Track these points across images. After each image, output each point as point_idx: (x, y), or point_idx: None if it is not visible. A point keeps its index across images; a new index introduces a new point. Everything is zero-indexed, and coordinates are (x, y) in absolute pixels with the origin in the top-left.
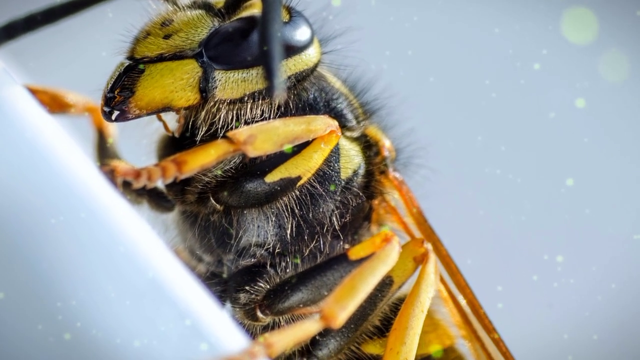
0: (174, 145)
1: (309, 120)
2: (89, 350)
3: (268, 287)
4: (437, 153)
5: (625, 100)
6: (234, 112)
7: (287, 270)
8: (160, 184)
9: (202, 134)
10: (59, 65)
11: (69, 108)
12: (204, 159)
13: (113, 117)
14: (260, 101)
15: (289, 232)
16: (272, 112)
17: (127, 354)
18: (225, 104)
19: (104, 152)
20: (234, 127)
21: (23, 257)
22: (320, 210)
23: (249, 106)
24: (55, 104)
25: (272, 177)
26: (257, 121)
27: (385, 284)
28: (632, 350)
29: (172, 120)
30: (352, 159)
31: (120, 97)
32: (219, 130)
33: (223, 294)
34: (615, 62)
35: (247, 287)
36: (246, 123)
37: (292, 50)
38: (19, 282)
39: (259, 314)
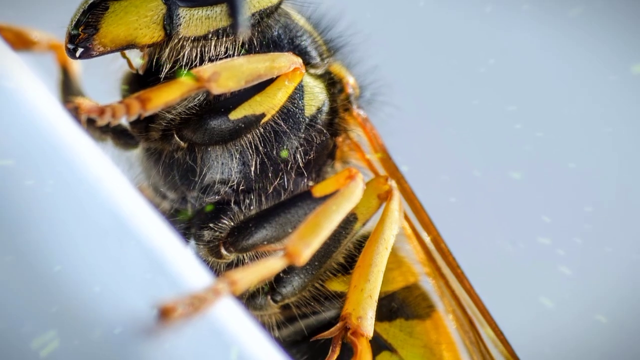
0: (138, 82)
1: (273, 57)
2: (53, 288)
3: (232, 224)
4: (401, 90)
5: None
6: (198, 49)
7: (251, 208)
8: (124, 121)
9: (166, 71)
10: (23, 3)
11: (33, 45)
12: (168, 96)
13: (77, 55)
14: (224, 38)
15: (253, 169)
16: (236, 49)
17: (91, 291)
18: (190, 41)
19: (68, 90)
20: (198, 64)
21: None
22: (284, 147)
23: (213, 43)
24: (19, 41)
25: (236, 114)
26: (221, 59)
27: (349, 221)
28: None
29: (136, 58)
30: (316, 96)
31: (84, 34)
32: (183, 67)
33: (187, 232)
34: None
35: (211, 225)
36: (210, 60)
37: None
38: None
39: (223, 251)
